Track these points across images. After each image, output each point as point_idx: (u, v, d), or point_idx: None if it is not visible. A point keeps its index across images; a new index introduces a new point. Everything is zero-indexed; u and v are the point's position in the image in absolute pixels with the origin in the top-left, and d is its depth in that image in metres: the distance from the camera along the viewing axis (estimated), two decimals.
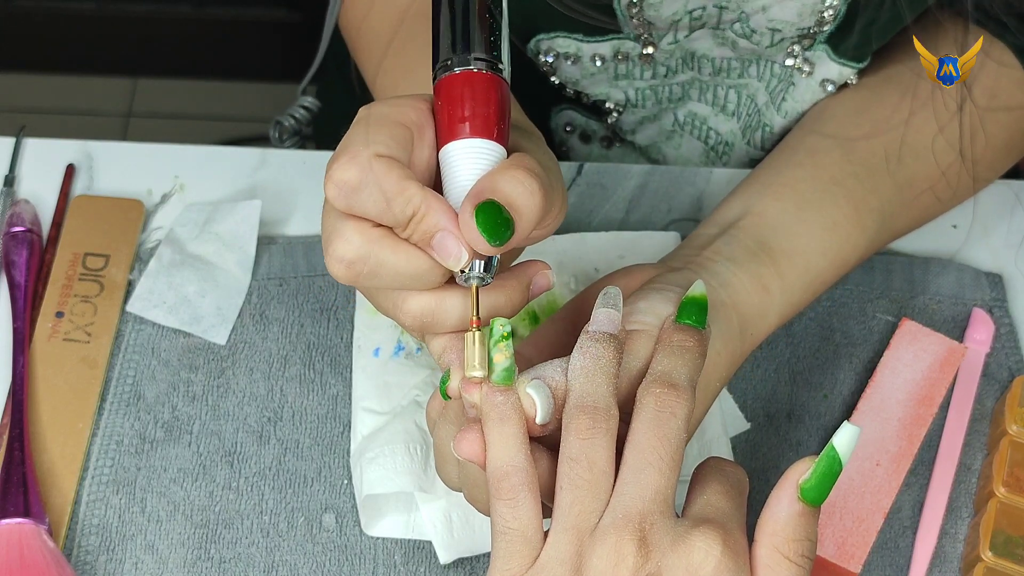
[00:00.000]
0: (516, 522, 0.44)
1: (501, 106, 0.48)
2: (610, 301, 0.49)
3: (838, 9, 0.63)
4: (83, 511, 0.62)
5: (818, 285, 0.61)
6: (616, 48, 0.69)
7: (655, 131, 0.79)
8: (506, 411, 0.45)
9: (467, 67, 0.47)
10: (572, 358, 0.47)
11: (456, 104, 0.47)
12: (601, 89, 0.73)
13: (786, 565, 0.43)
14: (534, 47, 0.70)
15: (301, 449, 0.64)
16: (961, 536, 0.63)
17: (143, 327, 0.67)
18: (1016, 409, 0.64)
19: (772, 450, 0.65)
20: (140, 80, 1.76)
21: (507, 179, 0.45)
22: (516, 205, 0.45)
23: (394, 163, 0.45)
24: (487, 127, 0.47)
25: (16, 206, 0.70)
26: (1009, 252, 0.73)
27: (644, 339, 0.49)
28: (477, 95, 0.47)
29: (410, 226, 0.45)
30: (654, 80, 0.72)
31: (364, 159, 0.45)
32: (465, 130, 0.47)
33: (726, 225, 0.61)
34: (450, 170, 0.47)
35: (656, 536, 0.43)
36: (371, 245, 0.45)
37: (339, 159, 0.45)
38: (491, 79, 0.47)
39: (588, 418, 0.45)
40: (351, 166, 0.45)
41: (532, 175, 0.46)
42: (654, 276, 0.55)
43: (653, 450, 0.44)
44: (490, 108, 0.47)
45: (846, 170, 0.63)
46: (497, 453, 0.45)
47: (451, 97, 0.47)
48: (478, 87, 0.47)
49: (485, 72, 0.47)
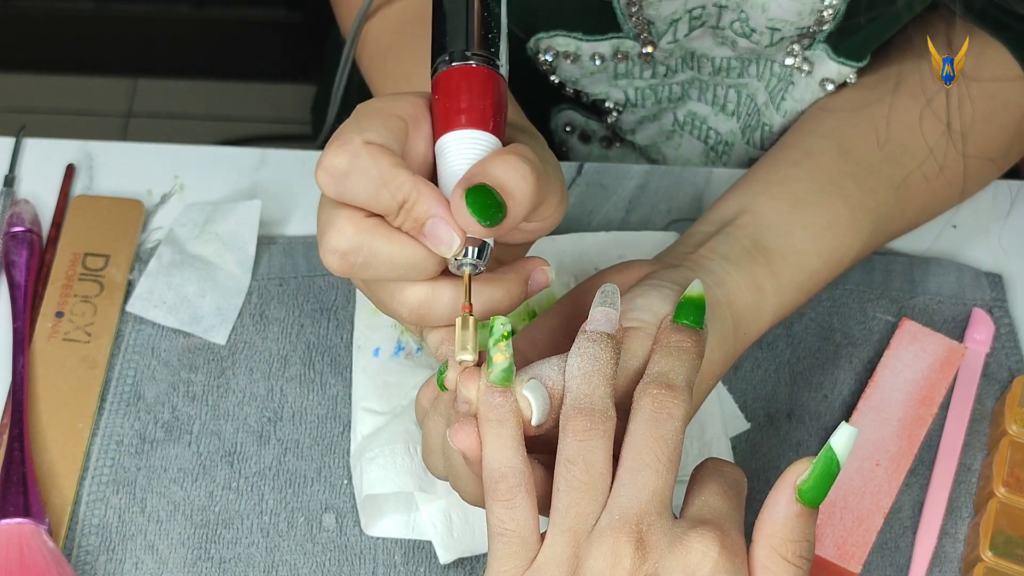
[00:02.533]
0: (513, 523, 0.44)
1: (497, 100, 0.48)
2: (608, 299, 0.48)
3: (837, 8, 0.63)
4: (83, 511, 0.62)
5: (812, 285, 0.61)
6: (616, 47, 0.69)
7: (655, 131, 0.79)
8: (504, 413, 0.45)
9: (465, 62, 0.48)
10: (570, 359, 0.47)
11: (452, 97, 0.48)
12: (601, 88, 0.73)
13: (784, 566, 0.43)
14: (533, 46, 0.70)
15: (301, 449, 0.64)
16: (961, 536, 0.63)
17: (143, 327, 0.67)
18: (1016, 409, 0.63)
19: (772, 450, 0.65)
20: (140, 80, 1.76)
21: (499, 163, 0.46)
22: (508, 188, 0.45)
23: (384, 150, 0.46)
24: (483, 119, 0.48)
25: (16, 206, 0.70)
26: (1009, 252, 0.73)
27: (641, 337, 0.49)
28: (473, 88, 0.48)
29: (401, 214, 0.46)
30: (654, 80, 0.72)
31: (355, 146, 0.45)
32: (461, 121, 0.47)
33: (722, 223, 0.61)
34: (445, 160, 0.48)
35: (653, 537, 0.43)
36: (364, 235, 0.46)
37: (330, 146, 0.46)
38: (487, 73, 0.48)
39: (585, 420, 0.45)
40: (341, 152, 0.45)
41: (524, 160, 0.46)
42: (650, 272, 0.55)
43: (650, 451, 0.44)
44: (486, 101, 0.48)
45: (843, 170, 0.63)
46: (494, 455, 0.45)
47: (448, 91, 0.48)
48: (474, 81, 0.48)
49: (481, 67, 0.48)
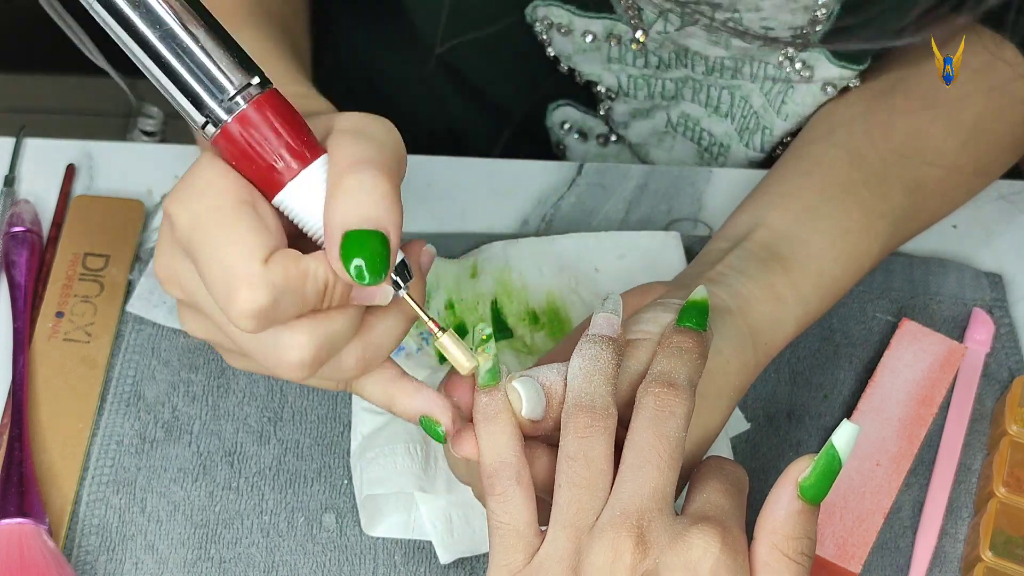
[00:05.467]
0: (507, 516, 0.45)
1: (292, 120, 0.42)
2: (608, 307, 0.49)
3: (831, 8, 0.63)
4: (83, 511, 0.61)
5: (834, 293, 0.61)
6: (608, 29, 0.69)
7: (647, 130, 0.78)
8: (491, 410, 0.46)
9: (235, 109, 0.42)
10: (571, 360, 0.47)
11: (254, 156, 0.42)
12: (594, 69, 0.73)
13: (785, 563, 0.43)
14: (531, 13, 0.69)
15: (301, 449, 0.64)
16: (961, 536, 0.63)
17: (143, 327, 0.67)
18: (1016, 409, 0.64)
19: (772, 450, 0.65)
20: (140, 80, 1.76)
21: (347, 205, 0.41)
22: (377, 223, 0.42)
23: (282, 257, 0.42)
24: (299, 155, 0.42)
25: (16, 206, 0.70)
26: (1009, 252, 0.73)
27: (647, 346, 0.49)
28: (266, 133, 0.42)
29: (326, 298, 0.43)
30: (646, 70, 0.72)
31: (258, 274, 0.41)
32: (282, 177, 0.42)
33: (736, 239, 0.61)
34: (297, 216, 0.43)
35: (654, 533, 0.43)
36: (324, 338, 0.43)
37: (237, 291, 0.40)
38: (267, 102, 0.42)
39: (586, 416, 0.45)
40: (253, 290, 0.40)
41: (370, 178, 0.42)
42: (663, 293, 0.55)
43: (652, 448, 0.44)
44: (290, 133, 0.42)
45: (855, 177, 0.63)
46: (486, 451, 0.46)
47: (244, 153, 0.42)
48: (264, 123, 0.42)
49: (254, 101, 0.42)
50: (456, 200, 0.74)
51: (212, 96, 0.42)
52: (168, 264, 0.45)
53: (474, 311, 0.67)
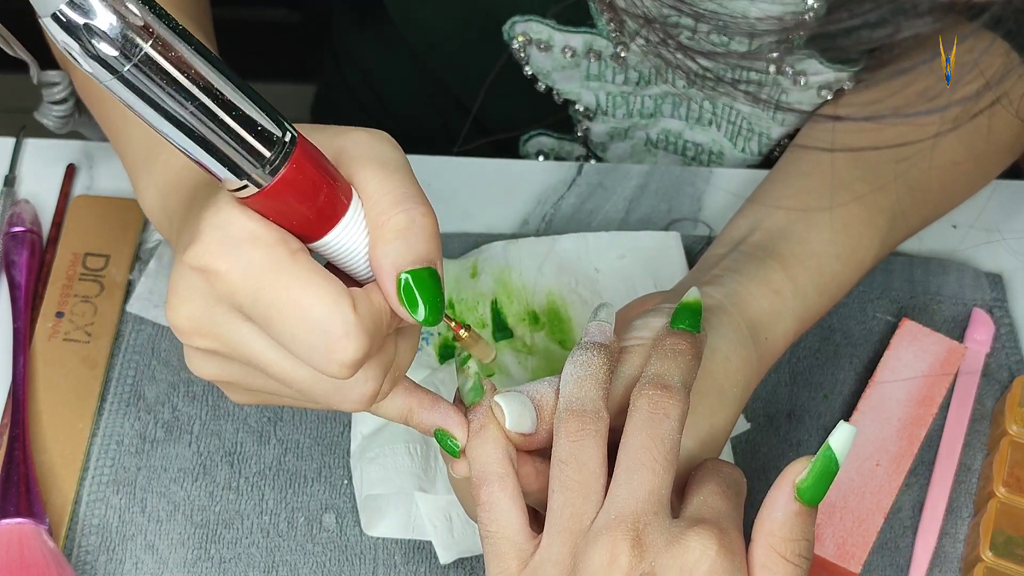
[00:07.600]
0: (494, 525, 0.45)
1: (324, 167, 0.41)
2: (601, 315, 0.49)
3: (817, 11, 0.62)
4: (83, 511, 0.62)
5: (835, 288, 0.60)
6: (588, 44, 0.68)
7: (626, 149, 0.78)
8: (475, 425, 0.47)
9: (275, 172, 0.39)
10: (563, 368, 0.48)
11: (296, 209, 0.40)
12: (572, 87, 0.73)
13: (783, 565, 0.43)
14: (509, 29, 0.69)
15: (301, 449, 0.64)
16: (961, 536, 0.63)
17: (143, 327, 0.67)
18: (1016, 409, 0.64)
19: (772, 450, 0.65)
20: None
21: (401, 247, 0.41)
22: (428, 260, 0.42)
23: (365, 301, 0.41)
24: (337, 201, 0.41)
25: (16, 206, 0.71)
26: (1009, 252, 0.73)
27: (640, 351, 0.49)
28: (305, 189, 0.40)
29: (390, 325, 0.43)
30: (626, 87, 0.72)
31: (354, 325, 0.40)
32: (327, 224, 0.41)
33: (734, 243, 0.61)
34: (339, 258, 0.43)
35: (650, 536, 0.43)
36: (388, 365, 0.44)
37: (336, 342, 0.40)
38: (301, 158, 0.40)
39: (577, 420, 0.45)
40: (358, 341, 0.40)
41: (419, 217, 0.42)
42: (660, 301, 0.55)
43: (646, 451, 0.44)
44: (326, 182, 0.41)
45: (853, 174, 0.63)
46: (474, 463, 0.46)
47: (285, 207, 0.40)
48: (301, 180, 0.40)
49: (294, 159, 0.39)
50: (456, 200, 0.74)
51: (252, 165, 0.39)
52: (201, 317, 0.42)
53: (474, 311, 0.67)
